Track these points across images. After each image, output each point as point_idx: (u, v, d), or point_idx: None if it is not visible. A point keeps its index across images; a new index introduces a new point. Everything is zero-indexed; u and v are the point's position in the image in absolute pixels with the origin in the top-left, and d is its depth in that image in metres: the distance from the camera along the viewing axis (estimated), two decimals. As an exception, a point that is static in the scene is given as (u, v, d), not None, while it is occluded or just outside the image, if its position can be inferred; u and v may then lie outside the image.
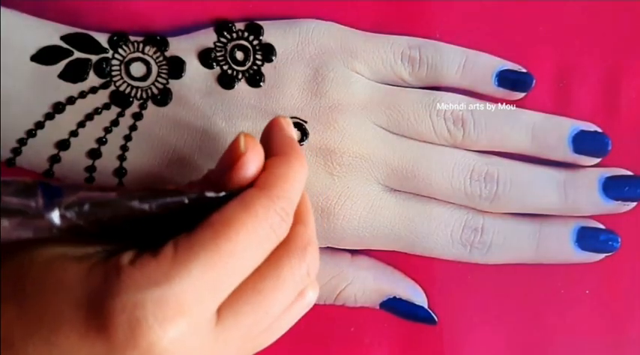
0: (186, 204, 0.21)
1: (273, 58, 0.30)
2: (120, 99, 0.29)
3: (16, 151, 0.29)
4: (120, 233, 0.21)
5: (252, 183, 0.22)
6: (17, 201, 0.18)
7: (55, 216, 0.19)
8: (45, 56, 0.29)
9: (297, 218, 0.23)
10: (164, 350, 0.19)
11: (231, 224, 0.20)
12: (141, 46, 0.30)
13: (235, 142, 0.22)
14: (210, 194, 0.21)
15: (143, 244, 0.20)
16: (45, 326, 0.19)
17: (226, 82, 0.30)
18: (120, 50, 0.30)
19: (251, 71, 0.30)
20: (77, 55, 0.29)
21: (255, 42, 0.30)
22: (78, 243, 0.21)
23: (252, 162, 0.22)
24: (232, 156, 0.22)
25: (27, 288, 0.20)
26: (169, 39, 0.30)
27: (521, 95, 0.31)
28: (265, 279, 0.21)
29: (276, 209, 0.21)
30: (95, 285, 0.19)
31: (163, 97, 0.29)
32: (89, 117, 0.29)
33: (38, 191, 0.19)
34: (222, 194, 0.21)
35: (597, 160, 0.31)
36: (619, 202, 0.31)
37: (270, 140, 0.25)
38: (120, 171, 0.29)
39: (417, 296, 0.31)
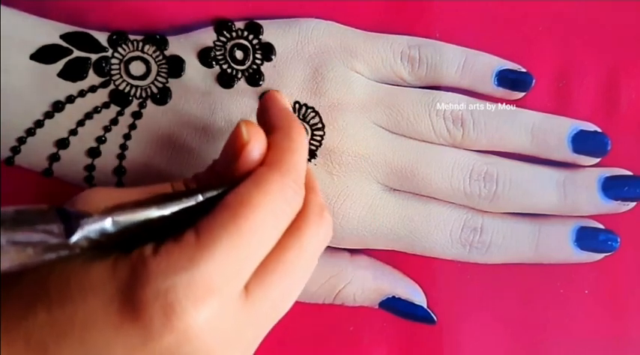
0: (202, 202, 0.22)
1: (273, 57, 0.30)
2: (119, 98, 0.29)
3: (15, 150, 0.29)
4: (139, 236, 0.21)
5: (261, 162, 0.23)
6: (40, 229, 0.19)
7: (79, 239, 0.19)
8: (44, 55, 0.29)
9: (306, 187, 0.24)
10: (200, 330, 0.19)
11: (248, 203, 0.21)
12: (140, 44, 0.30)
13: (237, 131, 0.23)
14: (223, 188, 0.22)
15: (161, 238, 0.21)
16: (77, 327, 0.19)
17: (226, 81, 0.30)
18: (119, 49, 0.30)
19: (250, 70, 0.30)
20: (77, 53, 0.29)
21: (255, 41, 0.30)
22: None
23: (257, 149, 0.22)
24: (236, 145, 0.22)
25: (52, 293, 0.20)
26: (169, 38, 0.30)
27: (520, 95, 0.31)
28: (288, 250, 0.22)
29: (288, 183, 0.22)
30: (123, 278, 0.19)
31: (163, 96, 0.29)
32: (89, 115, 0.29)
33: (57, 217, 0.19)
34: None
35: (597, 160, 0.31)
36: (618, 202, 0.31)
37: (267, 114, 0.25)
38: (119, 170, 0.29)
39: (417, 295, 0.31)
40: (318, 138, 0.30)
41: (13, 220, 0.18)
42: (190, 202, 0.22)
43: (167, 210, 0.21)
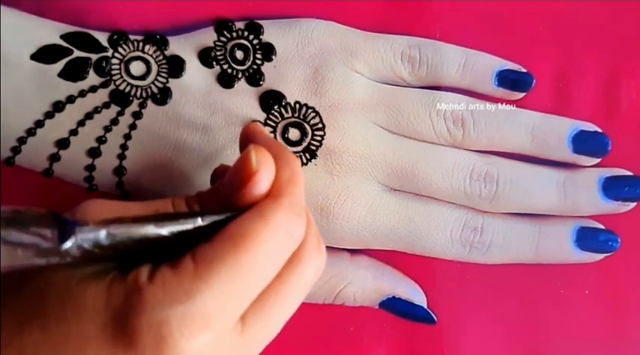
0: (201, 227, 0.21)
1: (273, 57, 0.30)
2: (120, 98, 0.29)
3: (16, 150, 0.29)
4: (134, 255, 0.21)
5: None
6: (34, 231, 0.18)
7: (71, 247, 0.19)
8: (45, 55, 0.29)
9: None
10: None
11: (252, 237, 0.20)
12: (141, 44, 0.30)
13: (247, 158, 0.22)
14: (225, 215, 0.21)
15: (157, 259, 0.20)
16: (70, 348, 0.19)
17: (226, 81, 0.30)
18: (120, 49, 0.30)
19: (251, 70, 0.30)
20: (77, 53, 0.29)
21: (255, 41, 0.30)
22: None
23: (266, 178, 0.22)
24: (245, 172, 0.21)
25: (48, 312, 0.20)
26: (169, 38, 0.30)
27: (521, 95, 0.31)
28: (287, 283, 0.22)
29: (294, 217, 0.21)
30: (118, 305, 0.19)
31: (163, 96, 0.30)
32: (89, 115, 0.29)
33: (52, 222, 0.19)
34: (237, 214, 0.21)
35: (597, 160, 0.31)
36: (619, 202, 0.31)
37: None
38: (119, 170, 0.29)
39: (417, 295, 0.31)
40: (319, 138, 0.30)
41: (9, 219, 0.18)
42: (189, 225, 0.21)
43: (165, 230, 0.20)
